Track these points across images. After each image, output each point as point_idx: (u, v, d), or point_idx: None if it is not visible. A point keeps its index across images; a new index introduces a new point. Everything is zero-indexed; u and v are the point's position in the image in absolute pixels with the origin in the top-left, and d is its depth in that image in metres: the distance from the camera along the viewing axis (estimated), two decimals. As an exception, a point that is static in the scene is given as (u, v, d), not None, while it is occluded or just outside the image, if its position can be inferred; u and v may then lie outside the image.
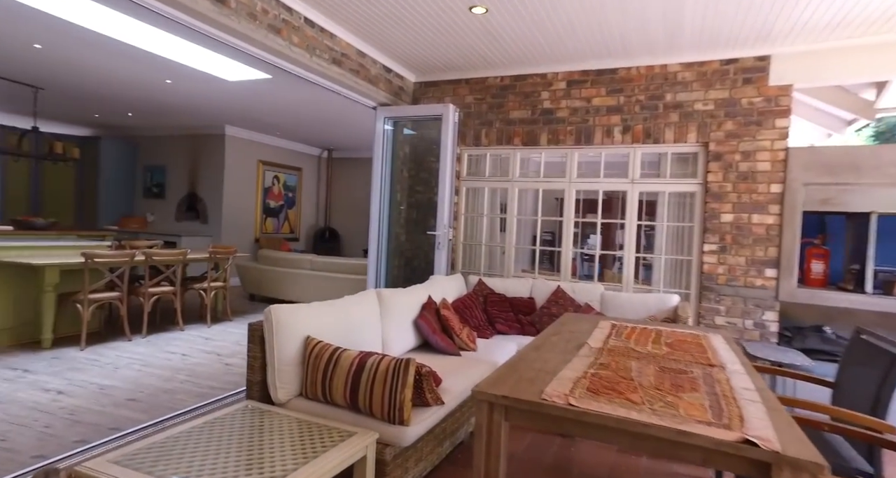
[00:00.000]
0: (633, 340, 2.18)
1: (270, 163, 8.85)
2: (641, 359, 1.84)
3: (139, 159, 8.74)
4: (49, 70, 5.22)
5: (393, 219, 4.66)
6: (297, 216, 9.64)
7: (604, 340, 2.15)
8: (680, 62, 3.66)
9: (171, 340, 4.47)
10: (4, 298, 4.02)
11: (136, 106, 6.74)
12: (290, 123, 7.39)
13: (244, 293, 7.05)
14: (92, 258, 4.03)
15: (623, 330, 2.38)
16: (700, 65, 3.61)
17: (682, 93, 3.66)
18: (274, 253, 6.65)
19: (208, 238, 7.95)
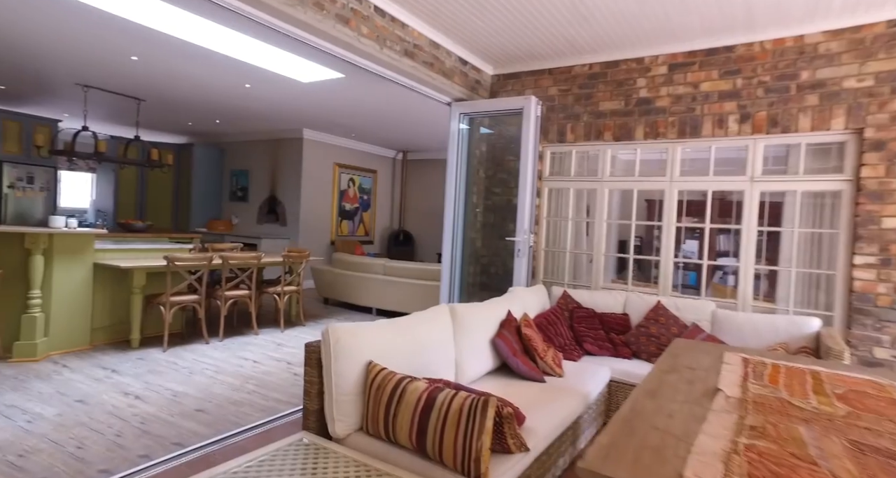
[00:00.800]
0: (781, 385, 1.66)
1: (346, 165, 8.89)
2: (811, 422, 1.33)
3: (226, 164, 9.15)
4: (147, 81, 5.47)
5: (468, 223, 4.32)
6: (372, 219, 9.63)
7: (740, 384, 1.65)
8: (823, 30, 2.98)
9: (245, 345, 4.45)
10: (102, 299, 4.18)
11: (221, 112, 6.98)
12: (364, 124, 7.32)
13: (318, 297, 7.06)
14: (173, 261, 4.08)
15: (762, 369, 1.85)
16: (855, 30, 2.91)
17: (824, 69, 2.98)
18: (347, 257, 6.58)
19: (286, 241, 8.10)
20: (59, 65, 5.02)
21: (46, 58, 4.83)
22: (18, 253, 3.71)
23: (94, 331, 4.15)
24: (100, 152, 5.65)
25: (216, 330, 4.68)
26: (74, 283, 3.95)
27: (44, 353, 3.76)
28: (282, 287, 5.09)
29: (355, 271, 6.39)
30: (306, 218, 8.17)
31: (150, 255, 4.53)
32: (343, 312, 6.32)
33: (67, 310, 3.92)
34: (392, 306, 6.01)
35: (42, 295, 3.77)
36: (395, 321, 2.21)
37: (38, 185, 6.94)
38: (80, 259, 3.98)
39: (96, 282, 4.13)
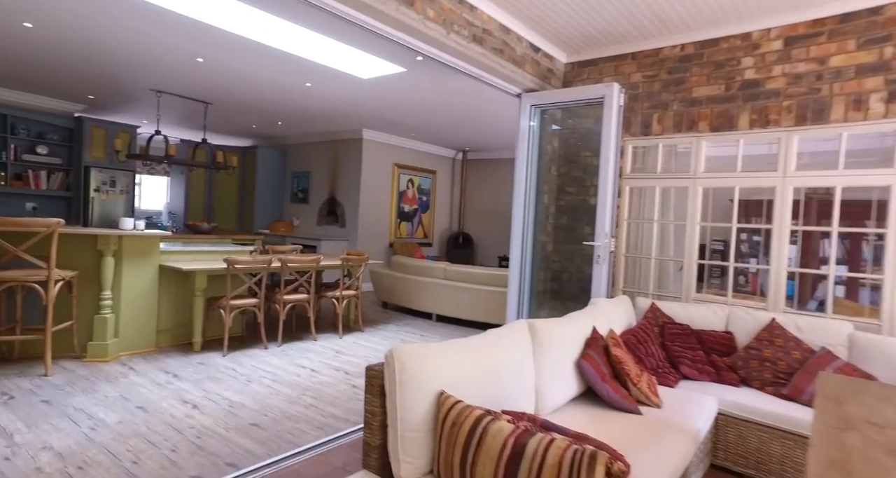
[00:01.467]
0: None
1: (405, 166, 8.73)
2: None
3: (287, 166, 9.26)
4: (212, 84, 5.52)
5: (539, 225, 3.95)
6: (431, 220, 9.42)
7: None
8: None
9: (303, 352, 4.31)
10: (167, 301, 4.19)
11: (283, 113, 7.00)
12: (424, 122, 7.10)
13: (377, 300, 6.91)
14: (232, 264, 4.01)
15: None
16: None
17: None
18: (407, 260, 6.37)
19: (345, 242, 8.04)
20: (135, 71, 5.14)
21: (125, 65, 4.95)
22: (92, 255, 3.75)
23: (160, 333, 4.15)
24: (170, 155, 5.78)
25: (275, 334, 4.59)
26: (142, 285, 3.96)
27: (114, 354, 3.78)
28: (340, 291, 4.93)
29: (415, 275, 6.16)
30: (365, 220, 8.08)
31: (212, 257, 4.50)
32: (402, 317, 6.11)
33: (135, 311, 3.93)
34: (453, 312, 5.72)
35: (112, 296, 3.80)
36: (468, 342, 1.90)
37: (118, 188, 7.26)
38: (146, 261, 3.98)
39: (161, 284, 4.13)
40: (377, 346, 4.64)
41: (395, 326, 5.52)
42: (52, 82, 5.91)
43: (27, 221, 3.26)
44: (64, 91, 6.35)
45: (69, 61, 4.98)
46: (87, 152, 6.96)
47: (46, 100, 6.80)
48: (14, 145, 6.60)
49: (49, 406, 2.89)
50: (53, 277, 3.34)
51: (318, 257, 4.65)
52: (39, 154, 6.83)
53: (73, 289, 3.64)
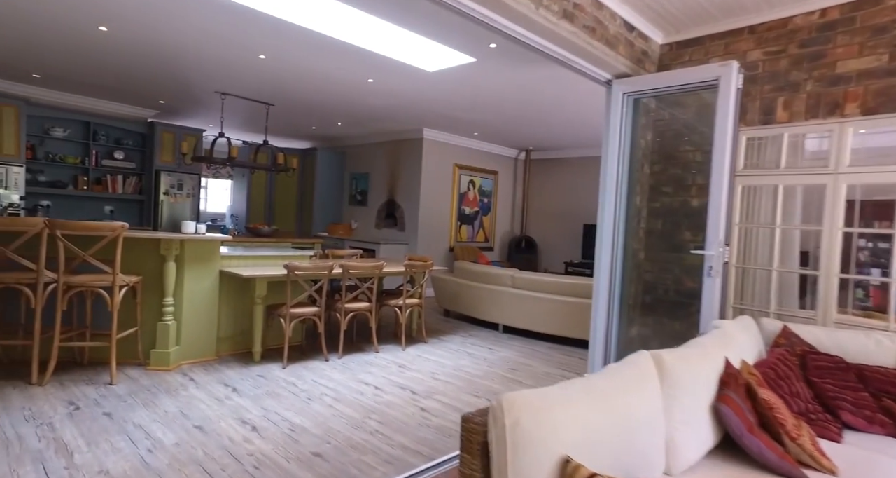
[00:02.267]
0: None
1: (466, 166, 8.37)
2: None
3: (346, 168, 9.15)
4: (275, 84, 5.39)
5: (629, 231, 3.44)
6: (492, 223, 9.00)
7: None
8: None
9: (365, 365, 4.02)
10: (227, 308, 4.03)
11: (343, 113, 6.82)
12: (489, 120, 6.70)
13: (438, 308, 6.57)
14: (293, 271, 3.78)
15: None
16: None
17: None
18: (470, 266, 5.98)
19: (405, 246, 7.78)
20: (202, 73, 5.09)
21: (193, 67, 4.90)
22: (155, 259, 3.63)
23: (220, 341, 3.99)
24: (233, 157, 5.71)
25: (335, 345, 4.34)
26: (203, 291, 3.81)
27: (175, 362, 3.64)
28: (404, 300, 4.61)
29: (480, 282, 5.77)
30: (425, 223, 7.78)
31: (272, 262, 4.31)
32: (466, 326, 5.73)
33: (196, 319, 3.79)
34: (522, 324, 5.27)
35: (174, 303, 3.66)
36: (589, 385, 1.47)
37: (185, 191, 7.37)
38: (207, 266, 3.83)
39: (221, 290, 3.98)
40: (443, 360, 4.28)
41: (459, 338, 5.15)
42: (128, 88, 6.01)
43: (93, 225, 3.16)
44: (138, 97, 6.48)
45: (141, 65, 4.98)
46: (157, 156, 7.10)
47: (123, 107, 7.00)
48: (95, 151, 6.83)
49: (110, 421, 2.73)
50: (118, 283, 3.22)
51: (381, 263, 4.35)
52: (116, 159, 7.03)
53: (137, 294, 3.53)
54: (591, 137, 7.43)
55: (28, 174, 6.38)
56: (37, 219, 3.14)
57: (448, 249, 8.18)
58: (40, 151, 6.49)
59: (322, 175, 8.85)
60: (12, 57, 5.04)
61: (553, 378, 3.95)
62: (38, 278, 3.13)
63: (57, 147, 6.66)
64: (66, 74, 5.55)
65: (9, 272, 3.21)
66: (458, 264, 6.16)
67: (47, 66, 5.26)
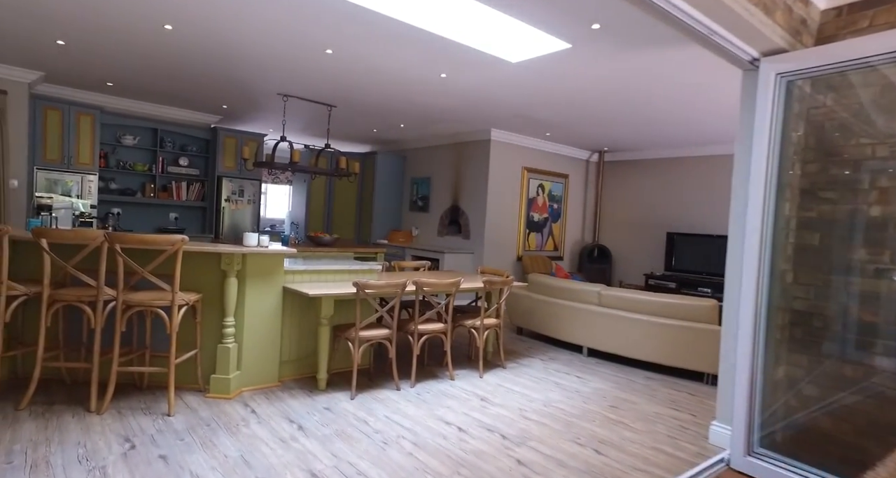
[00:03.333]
0: None
1: (535, 170, 7.77)
2: None
3: (406, 172, 8.78)
4: (338, 83, 5.05)
5: (777, 246, 2.75)
6: (562, 231, 8.34)
7: None
8: None
9: (441, 397, 3.53)
10: (291, 328, 3.67)
11: (407, 114, 6.42)
12: (565, 118, 6.08)
13: (509, 323, 6.01)
14: (363, 289, 3.35)
15: None
16: None
17: None
18: (547, 279, 5.39)
19: (469, 255, 7.28)
20: (265, 72, 4.82)
21: (256, 66, 4.63)
22: (215, 274, 3.31)
23: (283, 365, 3.63)
24: (294, 161, 5.43)
25: (406, 370, 3.88)
26: (265, 310, 3.46)
27: (236, 389, 3.30)
28: (481, 320, 4.10)
29: (559, 298, 5.16)
30: (492, 230, 7.25)
31: (337, 278, 3.92)
32: (544, 348, 5.14)
33: (259, 341, 3.44)
34: (612, 348, 4.62)
35: (235, 323, 3.32)
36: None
37: (246, 197, 7.22)
38: (270, 282, 3.48)
39: (285, 308, 3.61)
40: (528, 392, 3.72)
41: (540, 362, 4.57)
42: (192, 93, 5.89)
43: (151, 239, 2.85)
44: (202, 102, 6.37)
45: (205, 66, 4.77)
46: (220, 162, 6.99)
47: (188, 113, 6.95)
48: (162, 158, 6.79)
49: (166, 466, 2.38)
50: (177, 302, 2.90)
51: (458, 280, 3.86)
52: (181, 166, 6.98)
53: (197, 314, 3.21)
54: (679, 136, 6.65)
55: (100, 182, 6.41)
56: (96, 232, 2.87)
57: (516, 259, 7.61)
58: (112, 159, 6.51)
59: (381, 180, 8.52)
60: (87, 65, 4.97)
61: (664, 420, 3.30)
62: (97, 296, 2.86)
63: (127, 155, 6.66)
64: (135, 79, 5.47)
65: (70, 289, 2.98)
66: (532, 278, 5.58)
67: (118, 72, 5.17)
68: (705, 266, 6.87)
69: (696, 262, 6.99)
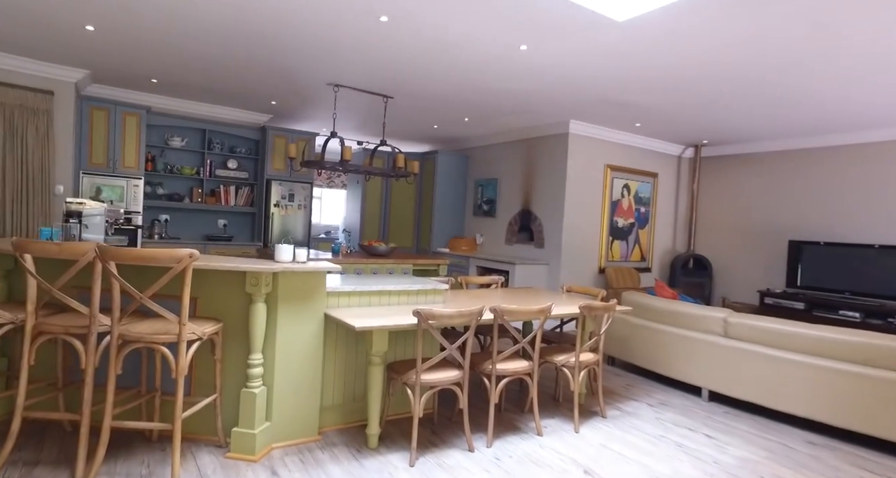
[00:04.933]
0: None
1: (620, 168, 6.69)
2: None
3: (470, 173, 7.93)
4: (395, 65, 4.30)
5: None
6: (650, 238, 7.18)
7: None
8: None
9: (528, 464, 2.62)
10: (335, 365, 2.91)
11: (474, 104, 5.57)
12: (665, 103, 5.00)
13: (597, 351, 4.97)
14: (426, 319, 2.52)
15: None
16: None
17: None
18: (647, 300, 4.34)
19: (544, 266, 6.31)
20: (309, 54, 4.14)
21: (297, 47, 3.96)
22: (240, 297, 2.61)
23: (325, 412, 2.87)
24: (345, 160, 4.73)
25: (480, 421, 3.01)
26: (303, 342, 2.71)
27: (264, 447, 2.56)
28: (577, 356, 3.14)
29: (666, 324, 4.11)
30: (570, 238, 6.24)
31: (393, 300, 3.12)
32: (646, 385, 4.09)
33: (294, 383, 2.69)
34: (746, 394, 3.52)
35: (264, 361, 2.60)
36: None
37: (297, 202, 6.67)
38: (309, 307, 2.73)
39: (327, 340, 2.86)
40: (647, 460, 2.73)
41: (649, 410, 3.55)
42: (238, 88, 5.36)
43: (150, 255, 2.16)
44: (250, 99, 5.86)
45: (246, 49, 4.17)
46: (269, 164, 6.47)
47: (237, 112, 6.49)
48: (210, 160, 6.37)
49: None
50: (185, 337, 2.19)
51: (547, 306, 2.93)
52: (229, 168, 6.53)
53: (216, 348, 2.51)
54: (816, 119, 5.36)
55: (147, 187, 6.05)
56: (87, 245, 2.22)
57: (598, 271, 6.55)
58: (160, 163, 6.14)
59: (443, 182, 7.72)
60: (127, 57, 4.53)
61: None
62: (89, 326, 2.21)
63: (175, 158, 6.28)
64: (178, 73, 4.99)
65: (62, 316, 2.35)
66: (628, 297, 4.54)
67: (160, 65, 4.70)
68: (849, 283, 5.49)
69: (834, 277, 5.62)
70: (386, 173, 5.20)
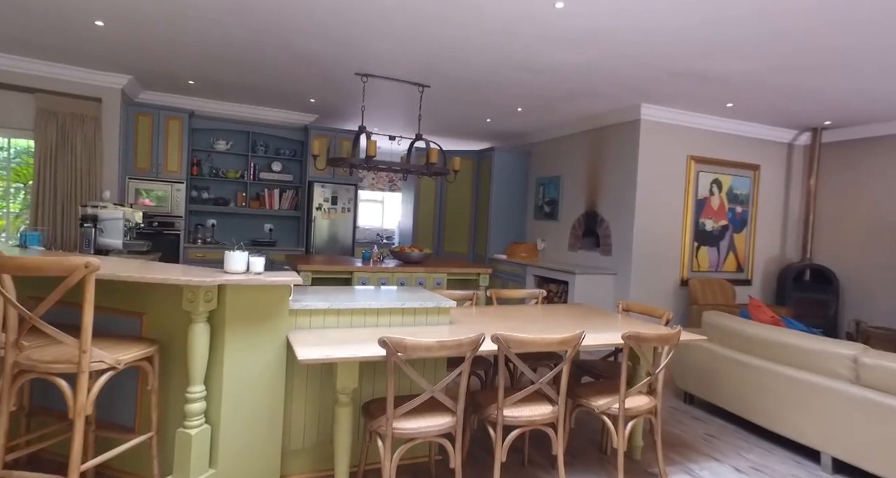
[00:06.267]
0: None
1: (708, 159, 5.56)
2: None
3: (531, 171, 7.15)
4: (428, 46, 3.74)
5: None
6: (749, 243, 5.91)
7: None
8: None
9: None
10: (303, 401, 2.37)
11: (520, 86, 4.84)
12: (773, 70, 3.91)
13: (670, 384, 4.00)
14: (395, 350, 1.89)
15: None
16: None
17: None
18: (737, 324, 3.33)
19: (610, 277, 5.38)
20: (335, 46, 3.72)
21: (323, 37, 3.56)
22: (181, 317, 2.15)
23: (288, 457, 2.34)
24: (370, 156, 4.24)
25: (483, 472, 2.31)
26: (260, 372, 2.21)
27: (210, 496, 2.08)
28: (622, 401, 2.32)
29: (763, 359, 3.09)
30: (642, 243, 5.26)
31: (382, 321, 2.52)
32: (734, 435, 3.09)
33: (247, 421, 2.19)
34: (891, 471, 2.43)
35: (208, 394, 2.13)
36: None
37: (340, 205, 6.35)
38: (267, 329, 2.22)
39: (292, 370, 2.32)
40: None
41: (730, 470, 2.59)
42: (273, 86, 5.15)
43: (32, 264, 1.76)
44: (290, 98, 5.65)
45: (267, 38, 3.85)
46: (311, 166, 6.22)
47: (280, 113, 6.34)
48: (253, 163, 6.26)
49: None
50: (87, 367, 1.77)
51: (576, 335, 2.17)
52: (274, 171, 6.38)
53: (149, 377, 2.08)
54: None
55: (193, 191, 6.05)
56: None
57: (679, 283, 5.46)
58: (205, 167, 6.13)
59: (500, 182, 7.01)
60: (161, 59, 4.47)
61: None
62: None
63: (220, 161, 6.24)
64: (210, 70, 4.85)
65: None
66: (710, 319, 3.54)
67: (191, 65, 4.57)
68: None
69: None
70: (418, 171, 4.64)
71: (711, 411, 3.59)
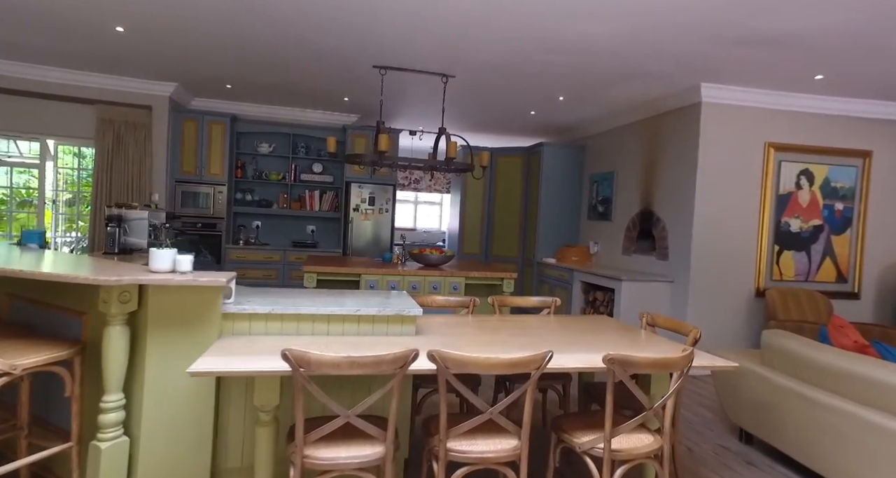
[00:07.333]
0: None
1: (792, 147, 4.62)
2: None
3: (585, 168, 6.50)
4: (450, 27, 3.44)
5: None
6: (854, 248, 4.83)
7: None
8: None
9: None
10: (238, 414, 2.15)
11: (557, 66, 4.33)
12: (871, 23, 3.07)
13: (719, 412, 3.27)
14: (298, 365, 1.58)
15: None
16: None
17: None
18: (811, 351, 2.59)
19: (668, 285, 4.65)
20: (349, 41, 3.56)
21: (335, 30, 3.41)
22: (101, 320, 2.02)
23: (221, 475, 2.11)
24: (381, 152, 3.99)
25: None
26: (186, 382, 2.01)
27: (131, 519, 1.92)
28: (606, 439, 1.80)
29: (844, 397, 2.36)
30: (704, 247, 4.48)
31: (334, 329, 2.22)
32: (798, 502, 2.38)
33: (171, 435, 2.01)
34: None
35: (128, 403, 1.97)
36: None
37: (377, 206, 6.20)
38: (196, 335, 2.03)
39: (229, 380, 2.10)
40: None
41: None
42: (304, 83, 5.11)
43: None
44: (324, 97, 5.62)
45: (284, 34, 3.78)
46: (348, 166, 6.13)
47: (320, 114, 6.35)
48: (294, 165, 6.33)
49: None
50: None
51: (538, 356, 1.71)
52: (314, 172, 6.40)
53: (69, 384, 1.96)
54: None
55: (238, 194, 6.23)
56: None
57: (753, 294, 4.58)
58: (249, 169, 6.29)
59: (549, 180, 6.45)
60: (197, 65, 4.62)
61: None
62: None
63: (264, 164, 6.38)
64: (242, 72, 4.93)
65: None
66: (772, 340, 2.80)
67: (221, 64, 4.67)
68: None
69: None
70: (437, 167, 4.32)
71: (773, 455, 2.84)
